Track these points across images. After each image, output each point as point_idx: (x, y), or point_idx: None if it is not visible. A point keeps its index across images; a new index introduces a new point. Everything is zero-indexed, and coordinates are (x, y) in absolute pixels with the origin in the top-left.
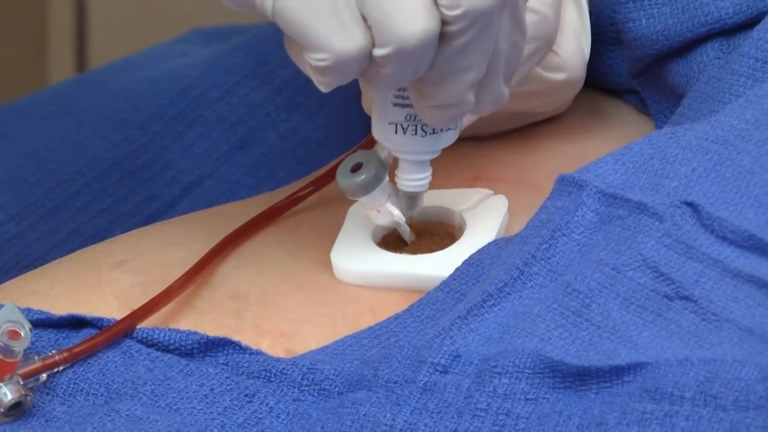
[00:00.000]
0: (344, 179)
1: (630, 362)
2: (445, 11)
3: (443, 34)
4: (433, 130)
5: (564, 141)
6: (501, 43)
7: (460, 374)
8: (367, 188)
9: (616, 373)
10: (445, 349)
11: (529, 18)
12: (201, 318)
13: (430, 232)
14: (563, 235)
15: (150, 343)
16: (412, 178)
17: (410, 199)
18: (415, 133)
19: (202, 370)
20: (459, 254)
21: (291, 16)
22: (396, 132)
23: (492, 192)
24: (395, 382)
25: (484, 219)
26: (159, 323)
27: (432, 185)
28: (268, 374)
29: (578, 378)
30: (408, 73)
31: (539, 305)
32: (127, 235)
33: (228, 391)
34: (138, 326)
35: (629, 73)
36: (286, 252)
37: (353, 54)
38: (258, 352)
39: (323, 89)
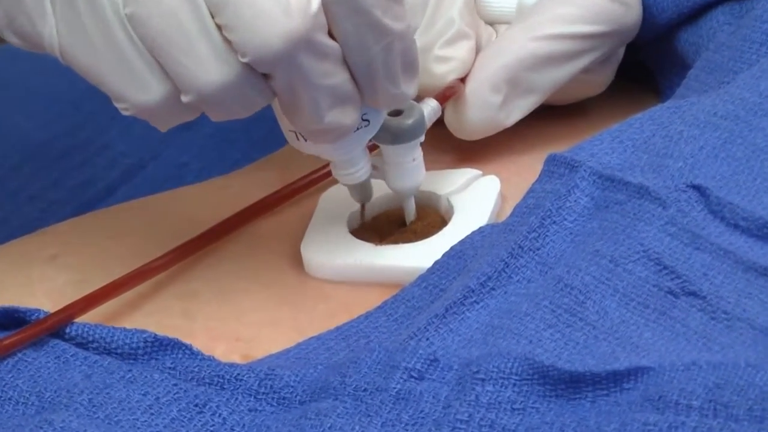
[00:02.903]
0: (390, 121)
1: (630, 367)
2: (240, 58)
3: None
4: None
5: (560, 118)
6: (365, 55)
7: (437, 381)
8: (415, 132)
9: (615, 379)
10: (420, 352)
11: (611, 8)
12: (145, 320)
13: (417, 219)
14: (554, 222)
15: (88, 343)
16: (344, 173)
17: (354, 189)
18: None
19: (146, 377)
20: (444, 244)
21: (82, 66)
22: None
23: (481, 173)
24: (365, 390)
25: (474, 203)
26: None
27: None
28: (221, 381)
29: (571, 385)
30: (237, 107)
31: (527, 302)
32: (61, 226)
33: (176, 400)
34: (75, 321)
35: (636, 43)
36: (245, 243)
37: (154, 105)
38: (211, 358)
39: (160, 129)
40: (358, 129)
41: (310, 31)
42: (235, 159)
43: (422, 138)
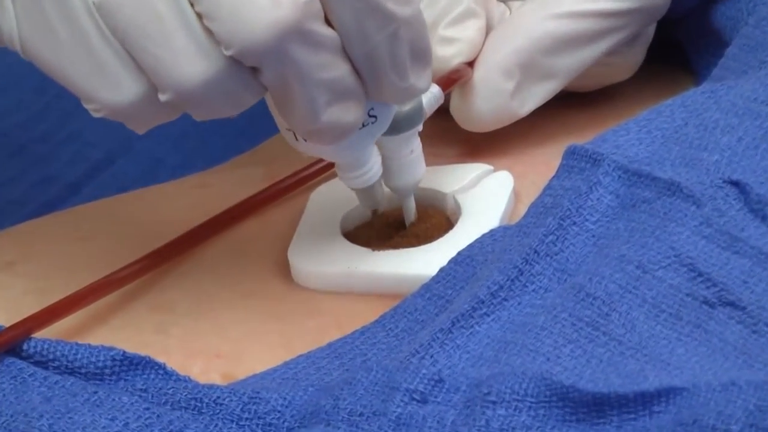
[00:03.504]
0: None
1: (661, 387)
2: (224, 50)
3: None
4: None
5: (581, 106)
6: (366, 44)
7: (443, 404)
8: (412, 121)
9: (643, 401)
10: (423, 371)
11: None
12: (113, 335)
13: (422, 219)
14: (574, 224)
15: (48, 361)
16: (351, 176)
17: (362, 194)
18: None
19: (114, 400)
20: (450, 249)
21: (45, 62)
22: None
23: (492, 168)
24: (360, 414)
25: (484, 202)
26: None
27: None
28: (199, 405)
29: (595, 408)
30: (222, 106)
31: (544, 315)
32: (19, 228)
33: (147, 426)
34: (33, 336)
35: (668, 19)
36: (226, 249)
37: (128, 105)
38: (187, 379)
39: (137, 132)
40: (363, 126)
41: (302, 19)
42: (215, 153)
43: (420, 127)
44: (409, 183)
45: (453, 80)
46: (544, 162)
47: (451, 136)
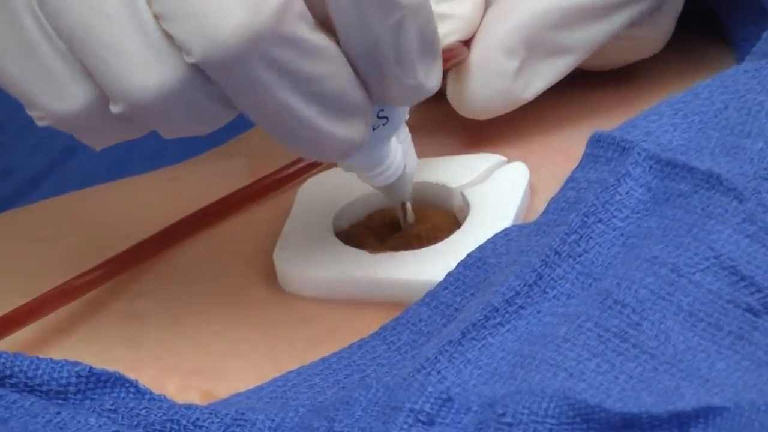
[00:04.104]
0: None
1: (698, 407)
2: (185, 57)
3: None
4: None
5: (606, 87)
6: (368, 37)
7: (451, 426)
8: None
9: (679, 422)
10: (430, 389)
11: None
12: (78, 348)
13: (425, 218)
14: (600, 221)
15: (5, 378)
16: (369, 175)
17: (385, 190)
18: None
19: (79, 422)
20: (458, 251)
21: None
22: None
23: (505, 158)
24: None
25: (496, 198)
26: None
27: (418, 153)
28: (176, 427)
29: (624, 430)
30: (187, 121)
31: (566, 325)
32: None
33: None
34: None
35: None
36: (204, 251)
37: (74, 115)
38: (162, 398)
39: (94, 148)
40: (374, 129)
41: (280, 21)
42: (191, 143)
43: (406, 115)
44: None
45: (445, 60)
46: (562, 151)
47: (457, 123)
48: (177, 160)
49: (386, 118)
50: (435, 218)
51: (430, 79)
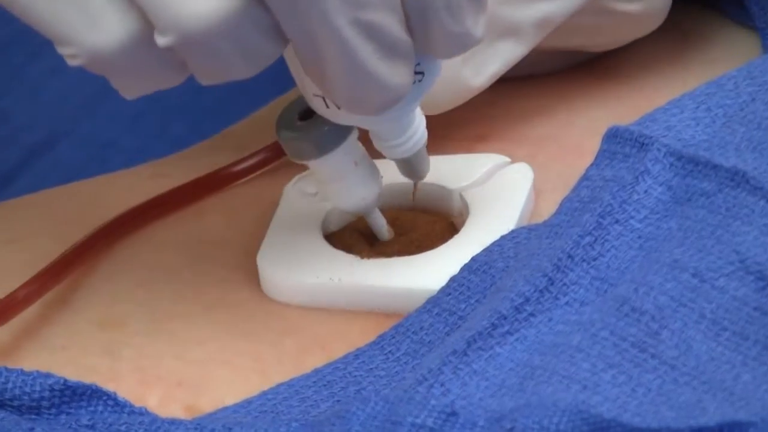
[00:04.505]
0: (288, 131)
1: (723, 422)
2: None
3: None
4: None
5: (621, 76)
6: None
7: None
8: (323, 146)
9: None
10: (433, 402)
11: None
12: (53, 357)
13: (417, 223)
14: (616, 222)
15: None
16: (390, 145)
17: (404, 165)
18: None
19: None
20: (456, 257)
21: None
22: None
23: (508, 159)
24: None
25: (498, 201)
26: None
27: None
28: None
29: None
30: (236, 58)
31: (580, 333)
32: None
33: None
34: None
35: None
36: (187, 254)
37: (112, 49)
38: (143, 411)
39: (126, 96)
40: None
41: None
42: (176, 137)
43: (356, 133)
44: (361, 204)
45: None
46: (574, 147)
47: (460, 115)
48: (161, 155)
49: (422, 73)
50: (431, 221)
51: (477, 28)
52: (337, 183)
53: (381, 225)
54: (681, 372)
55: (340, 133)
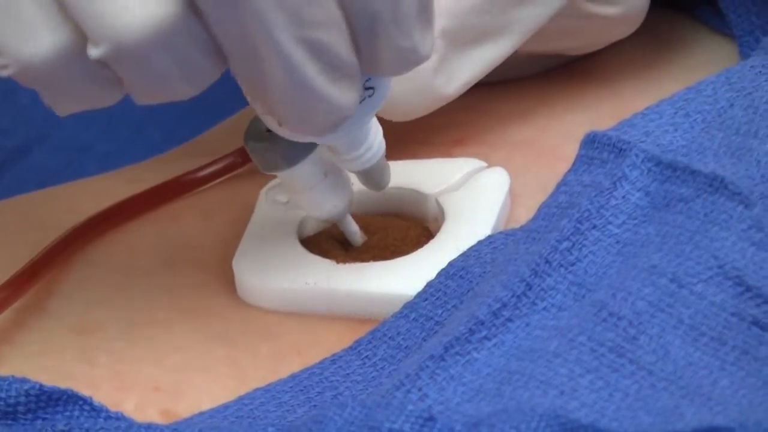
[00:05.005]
0: (256, 142)
1: (700, 427)
2: None
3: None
4: None
5: (599, 80)
6: None
7: None
8: (291, 158)
9: None
10: (410, 408)
11: None
12: (28, 362)
13: (391, 228)
14: (594, 227)
15: None
16: (346, 158)
17: (364, 176)
18: None
19: None
20: (432, 261)
21: None
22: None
23: (485, 163)
24: None
25: (474, 205)
26: None
27: (393, 156)
28: None
29: None
30: (162, 72)
31: (557, 338)
32: None
33: None
34: None
35: None
36: (163, 258)
37: (41, 60)
38: (119, 416)
39: (58, 113)
40: (360, 101)
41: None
42: (151, 142)
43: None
44: (333, 211)
45: None
46: (550, 151)
47: (436, 119)
48: (136, 160)
49: (372, 89)
50: (406, 226)
51: (425, 44)
52: (307, 193)
53: (353, 231)
54: (658, 377)
55: (308, 144)
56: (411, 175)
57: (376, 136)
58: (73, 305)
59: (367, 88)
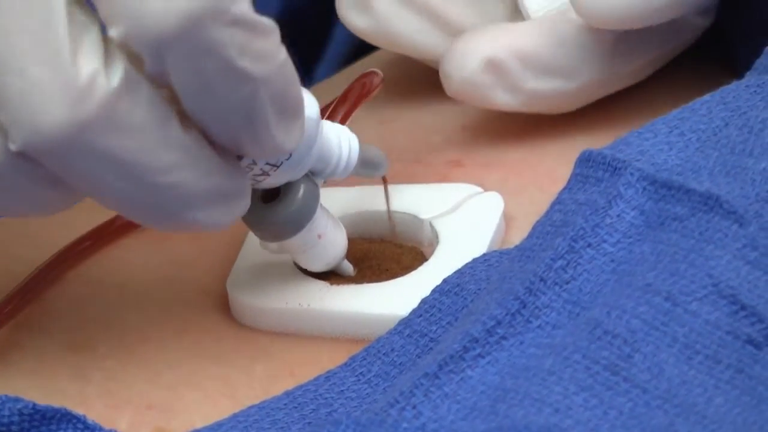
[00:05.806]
0: (251, 216)
1: None
2: (9, 144)
3: None
4: None
5: (595, 102)
6: (220, 110)
7: None
8: (287, 231)
9: None
10: (405, 425)
11: None
12: (21, 381)
13: (385, 253)
14: (589, 245)
15: None
16: (327, 174)
17: (361, 172)
18: None
19: None
20: (425, 283)
21: None
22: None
23: (480, 189)
24: None
25: (467, 229)
26: None
27: (390, 176)
28: None
29: None
30: (15, 204)
31: (552, 357)
32: None
33: None
34: None
35: None
36: (157, 277)
37: None
38: None
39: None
40: (279, 165)
41: (108, 111)
42: None
43: (316, 213)
44: (330, 265)
45: (366, 94)
46: (546, 173)
47: (438, 137)
48: None
49: (275, 165)
50: (400, 252)
51: (290, 139)
52: (302, 254)
53: (345, 269)
54: (653, 395)
55: (305, 214)
56: (407, 199)
57: (341, 145)
58: (67, 323)
59: (268, 164)
